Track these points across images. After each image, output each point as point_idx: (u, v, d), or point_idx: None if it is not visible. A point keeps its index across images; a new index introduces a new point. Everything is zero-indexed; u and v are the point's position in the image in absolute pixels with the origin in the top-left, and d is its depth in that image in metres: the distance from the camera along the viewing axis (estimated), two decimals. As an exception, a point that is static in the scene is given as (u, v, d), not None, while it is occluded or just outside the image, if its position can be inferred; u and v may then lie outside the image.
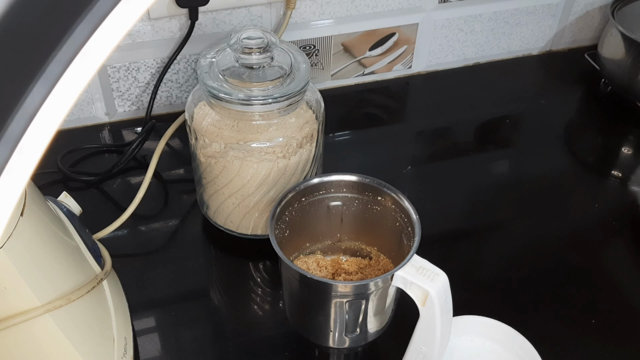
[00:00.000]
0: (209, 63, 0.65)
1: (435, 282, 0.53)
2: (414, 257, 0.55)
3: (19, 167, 0.24)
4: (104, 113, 0.86)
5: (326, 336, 0.61)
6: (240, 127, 0.65)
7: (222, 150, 0.65)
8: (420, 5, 0.91)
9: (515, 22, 0.98)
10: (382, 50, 0.94)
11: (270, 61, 0.65)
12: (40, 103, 0.23)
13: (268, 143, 0.64)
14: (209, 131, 0.65)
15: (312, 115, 0.68)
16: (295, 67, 0.65)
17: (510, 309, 0.67)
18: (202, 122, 0.66)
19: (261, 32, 0.64)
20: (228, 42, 0.64)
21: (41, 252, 0.51)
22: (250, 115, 0.64)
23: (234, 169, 0.66)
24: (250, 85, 0.63)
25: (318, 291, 0.57)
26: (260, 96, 0.62)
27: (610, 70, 0.93)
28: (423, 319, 0.55)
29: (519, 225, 0.77)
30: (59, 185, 0.79)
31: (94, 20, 0.23)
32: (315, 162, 0.70)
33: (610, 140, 0.92)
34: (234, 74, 0.64)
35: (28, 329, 0.50)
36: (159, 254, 0.73)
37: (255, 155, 0.65)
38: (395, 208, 0.62)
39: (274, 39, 0.64)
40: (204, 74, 0.64)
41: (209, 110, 0.66)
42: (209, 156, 0.67)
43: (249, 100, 0.62)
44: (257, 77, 0.64)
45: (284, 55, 0.66)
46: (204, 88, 0.64)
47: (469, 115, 0.93)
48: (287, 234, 0.63)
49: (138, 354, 0.63)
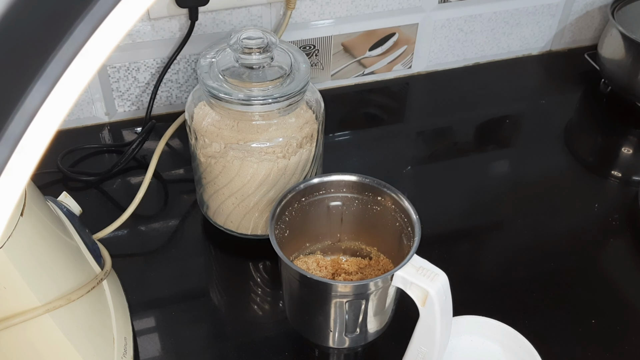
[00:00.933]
0: (209, 63, 0.65)
1: (435, 282, 0.53)
2: (414, 257, 0.55)
3: (19, 167, 0.24)
4: (104, 113, 0.86)
5: (326, 336, 0.61)
6: (240, 127, 0.65)
7: (222, 150, 0.65)
8: (420, 5, 0.91)
9: (515, 22, 0.98)
10: (382, 50, 0.94)
11: (270, 61, 0.64)
12: (40, 103, 0.23)
13: (268, 143, 0.64)
14: (209, 131, 0.65)
15: (312, 115, 0.68)
16: (295, 67, 0.65)
17: (510, 309, 0.67)
18: (202, 122, 0.66)
19: (261, 32, 0.64)
20: (228, 42, 0.64)
21: (41, 252, 0.51)
22: (250, 115, 0.64)
23: (234, 169, 0.66)
24: (250, 85, 0.63)
25: (318, 291, 0.57)
26: (260, 96, 0.62)
27: (610, 70, 0.93)
28: (423, 319, 0.55)
29: (519, 225, 0.77)
30: (59, 185, 0.79)
31: (94, 20, 0.23)
32: (315, 162, 0.70)
33: (610, 140, 0.92)
34: (234, 74, 0.64)
35: (28, 329, 0.50)
36: (159, 254, 0.73)
37: (255, 155, 0.65)
38: (395, 208, 0.62)
39: (273, 39, 0.64)
40: (204, 74, 0.64)
41: (209, 110, 0.66)
42: (209, 156, 0.67)
43: (249, 100, 0.62)
44: (257, 77, 0.64)
45: (284, 55, 0.66)
46: (203, 88, 0.64)
47: (469, 115, 0.93)
48: (287, 234, 0.63)
49: (138, 354, 0.63)
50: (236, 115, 0.64)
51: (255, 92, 0.63)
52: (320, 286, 0.56)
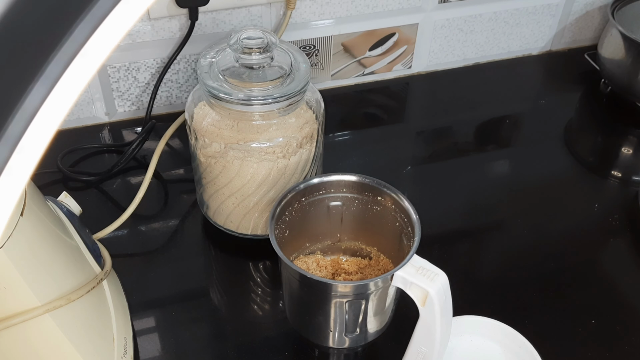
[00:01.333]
0: (209, 63, 0.65)
1: (435, 282, 0.53)
2: (414, 257, 0.55)
3: (18, 167, 0.24)
4: (104, 113, 0.86)
5: (326, 336, 0.61)
6: (240, 127, 0.65)
7: (222, 150, 0.65)
8: (420, 5, 0.91)
9: (515, 22, 0.98)
10: (382, 50, 0.94)
11: (270, 61, 0.64)
12: (40, 103, 0.23)
13: (268, 143, 0.64)
14: (209, 131, 0.65)
15: (312, 115, 0.68)
16: (295, 67, 0.65)
17: (510, 309, 0.67)
18: (202, 122, 0.66)
19: (261, 32, 0.64)
20: (228, 42, 0.64)
21: (41, 252, 0.51)
22: (250, 115, 0.64)
23: (233, 169, 0.66)
24: (250, 85, 0.63)
25: (318, 291, 0.57)
26: (260, 96, 0.62)
27: (610, 70, 0.93)
28: (423, 319, 0.55)
29: (519, 225, 0.77)
30: (58, 185, 0.79)
31: (93, 20, 0.23)
32: (315, 162, 0.70)
33: (610, 140, 0.92)
34: (234, 74, 0.64)
35: (28, 329, 0.50)
36: (159, 254, 0.73)
37: (255, 155, 0.65)
38: (395, 208, 0.62)
39: (273, 39, 0.64)
40: (204, 74, 0.64)
41: (209, 110, 0.66)
42: (209, 156, 0.67)
43: (249, 100, 0.62)
44: (257, 77, 0.64)
45: (284, 55, 0.66)
46: (204, 88, 0.64)
47: (469, 115, 0.93)
48: (287, 234, 0.63)
49: (138, 354, 0.63)
50: (236, 115, 0.64)
51: (255, 92, 0.63)
52: (320, 286, 0.56)
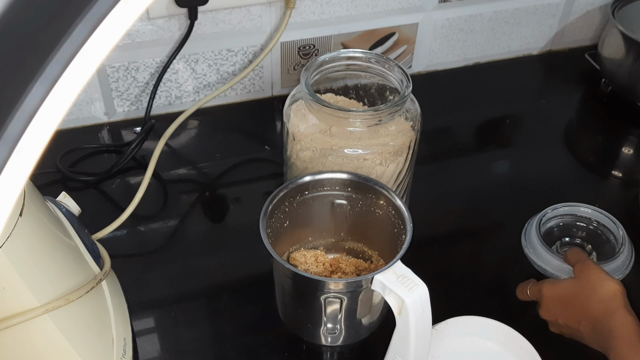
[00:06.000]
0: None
1: (413, 293, 0.52)
2: (397, 264, 0.54)
3: (17, 167, 0.24)
4: (103, 113, 0.86)
5: (306, 330, 0.62)
6: (337, 133, 0.64)
7: (318, 154, 0.65)
8: (420, 5, 0.91)
9: (516, 22, 0.98)
10: (382, 50, 0.94)
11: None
12: (39, 103, 0.23)
13: (364, 150, 0.64)
14: (304, 134, 0.65)
15: (409, 125, 0.67)
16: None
17: (511, 309, 0.67)
18: (299, 125, 0.65)
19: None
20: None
21: (40, 252, 0.51)
22: (351, 122, 0.64)
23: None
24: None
25: (297, 284, 0.58)
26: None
27: (610, 70, 0.93)
28: (399, 328, 0.54)
29: (519, 225, 0.77)
30: (58, 185, 0.78)
31: (93, 20, 0.23)
32: (410, 172, 0.69)
33: (610, 140, 0.92)
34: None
35: (27, 330, 0.50)
36: (159, 254, 0.73)
37: (353, 162, 0.64)
38: (395, 214, 0.62)
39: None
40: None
41: (306, 112, 0.65)
42: (304, 160, 0.66)
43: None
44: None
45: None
46: (306, 90, 0.64)
47: (469, 115, 0.93)
48: (286, 224, 0.63)
49: (137, 355, 0.63)
50: (334, 121, 0.64)
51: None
52: (297, 278, 0.57)
